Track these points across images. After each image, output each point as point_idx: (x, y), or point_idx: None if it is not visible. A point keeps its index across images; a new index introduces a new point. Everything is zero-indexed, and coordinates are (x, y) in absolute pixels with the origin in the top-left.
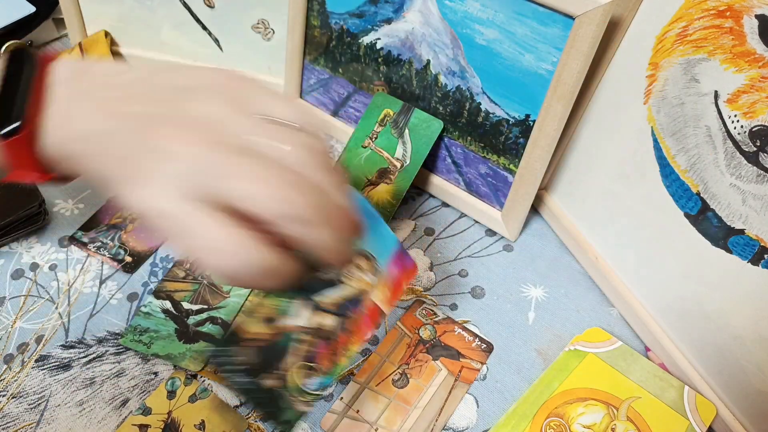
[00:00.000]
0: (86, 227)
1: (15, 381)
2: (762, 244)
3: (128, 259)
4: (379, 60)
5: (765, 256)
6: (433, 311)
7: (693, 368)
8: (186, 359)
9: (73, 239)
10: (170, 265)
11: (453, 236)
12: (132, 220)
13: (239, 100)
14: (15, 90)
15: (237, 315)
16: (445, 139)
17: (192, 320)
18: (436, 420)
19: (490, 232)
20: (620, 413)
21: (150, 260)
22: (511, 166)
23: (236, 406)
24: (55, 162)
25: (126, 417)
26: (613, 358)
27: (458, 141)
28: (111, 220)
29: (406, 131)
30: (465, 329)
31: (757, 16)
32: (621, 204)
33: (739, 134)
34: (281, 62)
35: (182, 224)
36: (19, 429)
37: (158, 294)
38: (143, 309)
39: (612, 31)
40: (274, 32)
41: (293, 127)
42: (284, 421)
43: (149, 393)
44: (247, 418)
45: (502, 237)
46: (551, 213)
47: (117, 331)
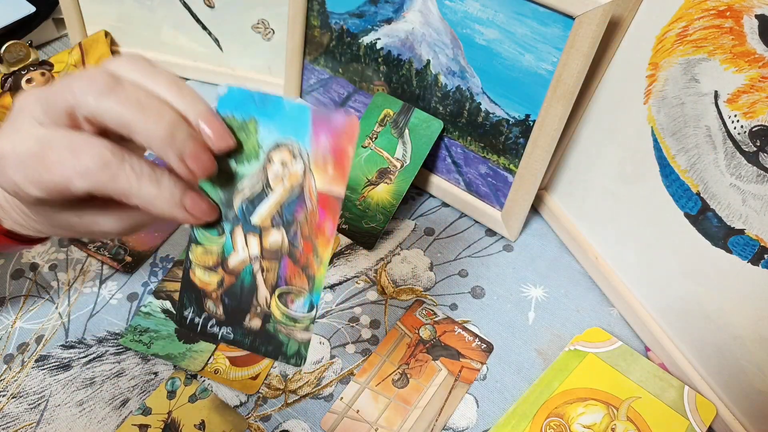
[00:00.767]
0: None
1: (15, 381)
2: (762, 244)
3: (128, 259)
4: (379, 60)
5: (765, 256)
6: (433, 311)
7: (693, 368)
8: (186, 359)
9: (73, 239)
10: (170, 265)
11: (453, 236)
12: None
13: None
14: None
15: (185, 274)
16: (445, 139)
17: None
18: (436, 420)
19: (490, 232)
20: (620, 413)
21: (150, 260)
22: (511, 166)
23: (236, 406)
24: None
25: (126, 417)
26: (613, 358)
27: (458, 141)
28: None
29: (406, 131)
30: (465, 329)
31: (757, 16)
32: (621, 204)
33: (739, 134)
34: (281, 62)
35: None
36: (19, 429)
37: (158, 294)
38: (143, 309)
39: (612, 31)
40: (274, 32)
41: None
42: (293, 355)
43: (149, 393)
44: (247, 418)
45: (502, 237)
46: (551, 213)
47: (117, 331)
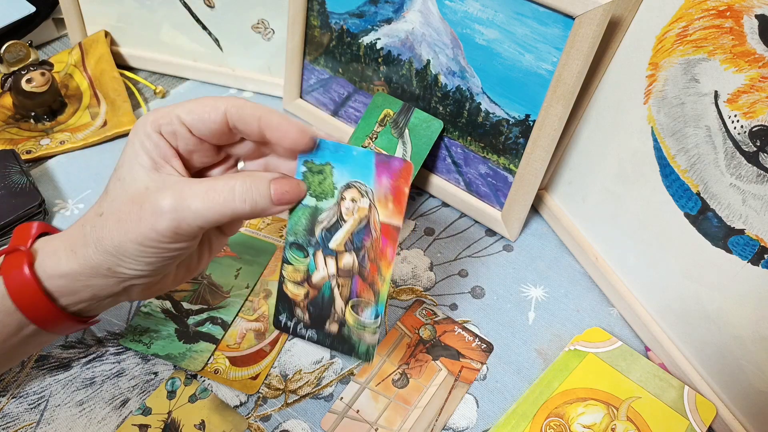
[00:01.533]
0: None
1: (15, 381)
2: (762, 244)
3: None
4: (379, 60)
5: (765, 256)
6: (433, 311)
7: (693, 368)
8: (186, 359)
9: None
10: None
11: (453, 236)
12: None
13: None
14: None
15: (280, 286)
16: (445, 139)
17: (192, 320)
18: (436, 420)
19: (490, 232)
20: (620, 413)
21: None
22: (511, 166)
23: (236, 406)
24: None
25: (126, 417)
26: (613, 358)
27: (458, 141)
28: None
29: (406, 131)
30: (465, 329)
31: (757, 16)
32: (621, 204)
33: (739, 134)
34: (281, 62)
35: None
36: (19, 429)
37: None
38: (143, 309)
39: (612, 31)
40: (274, 32)
41: None
42: (363, 353)
43: (149, 393)
44: (247, 418)
45: (502, 237)
46: (551, 213)
47: (117, 331)
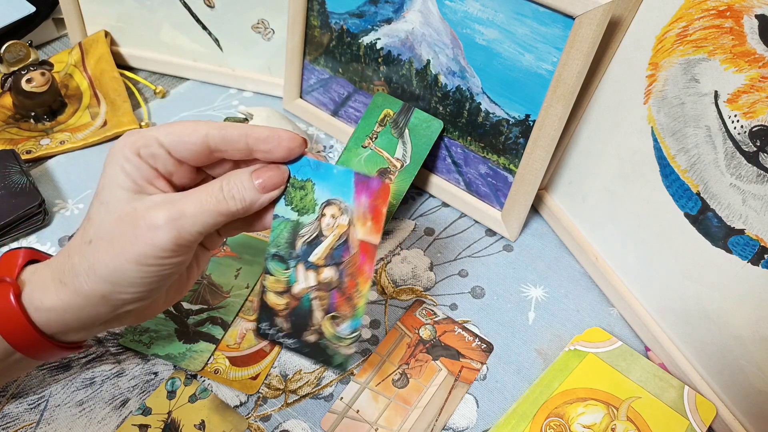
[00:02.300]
0: None
1: (15, 381)
2: (762, 244)
3: None
4: (379, 60)
5: (765, 256)
6: (433, 311)
7: (693, 368)
8: (186, 359)
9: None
10: None
11: (453, 236)
12: None
13: None
14: None
15: (261, 296)
16: (445, 139)
17: (192, 320)
18: (436, 420)
19: (490, 232)
20: (620, 413)
21: None
22: (511, 166)
23: (236, 406)
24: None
25: (126, 417)
26: (613, 358)
27: (458, 141)
28: None
29: (406, 131)
30: (465, 329)
31: (757, 16)
32: (621, 204)
33: (739, 134)
34: (281, 62)
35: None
36: (19, 429)
37: None
38: None
39: (612, 31)
40: (274, 32)
41: None
42: (338, 365)
43: (149, 393)
44: (247, 418)
45: (502, 237)
46: (551, 213)
47: (117, 331)
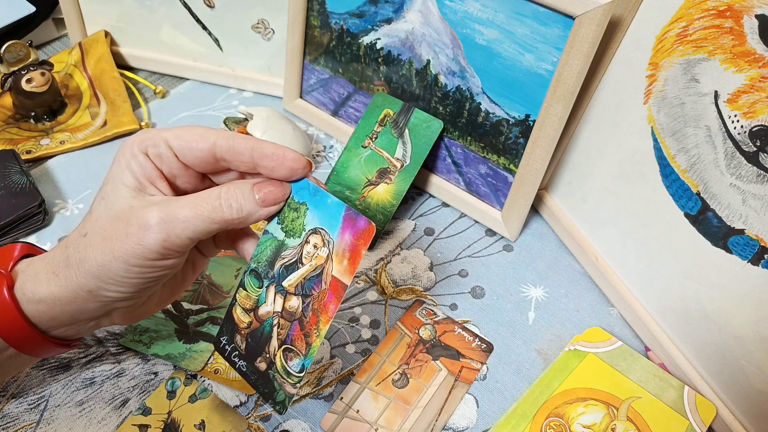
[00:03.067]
0: None
1: (15, 381)
2: (762, 244)
3: None
4: (379, 60)
5: (765, 256)
6: (433, 311)
7: (693, 368)
8: (186, 359)
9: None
10: None
11: (453, 236)
12: None
13: None
14: None
15: (230, 308)
16: (445, 139)
17: (192, 320)
18: (436, 420)
19: (490, 232)
20: (620, 413)
21: None
22: (511, 166)
23: (236, 406)
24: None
25: (126, 417)
26: (613, 358)
27: (458, 141)
28: None
29: (406, 131)
30: (465, 329)
31: (757, 16)
32: (621, 204)
33: (739, 134)
34: (281, 62)
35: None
36: (19, 429)
37: None
38: None
39: (612, 31)
40: (274, 32)
41: None
42: (279, 402)
43: (149, 393)
44: (247, 418)
45: (502, 237)
46: (551, 213)
47: (117, 331)
